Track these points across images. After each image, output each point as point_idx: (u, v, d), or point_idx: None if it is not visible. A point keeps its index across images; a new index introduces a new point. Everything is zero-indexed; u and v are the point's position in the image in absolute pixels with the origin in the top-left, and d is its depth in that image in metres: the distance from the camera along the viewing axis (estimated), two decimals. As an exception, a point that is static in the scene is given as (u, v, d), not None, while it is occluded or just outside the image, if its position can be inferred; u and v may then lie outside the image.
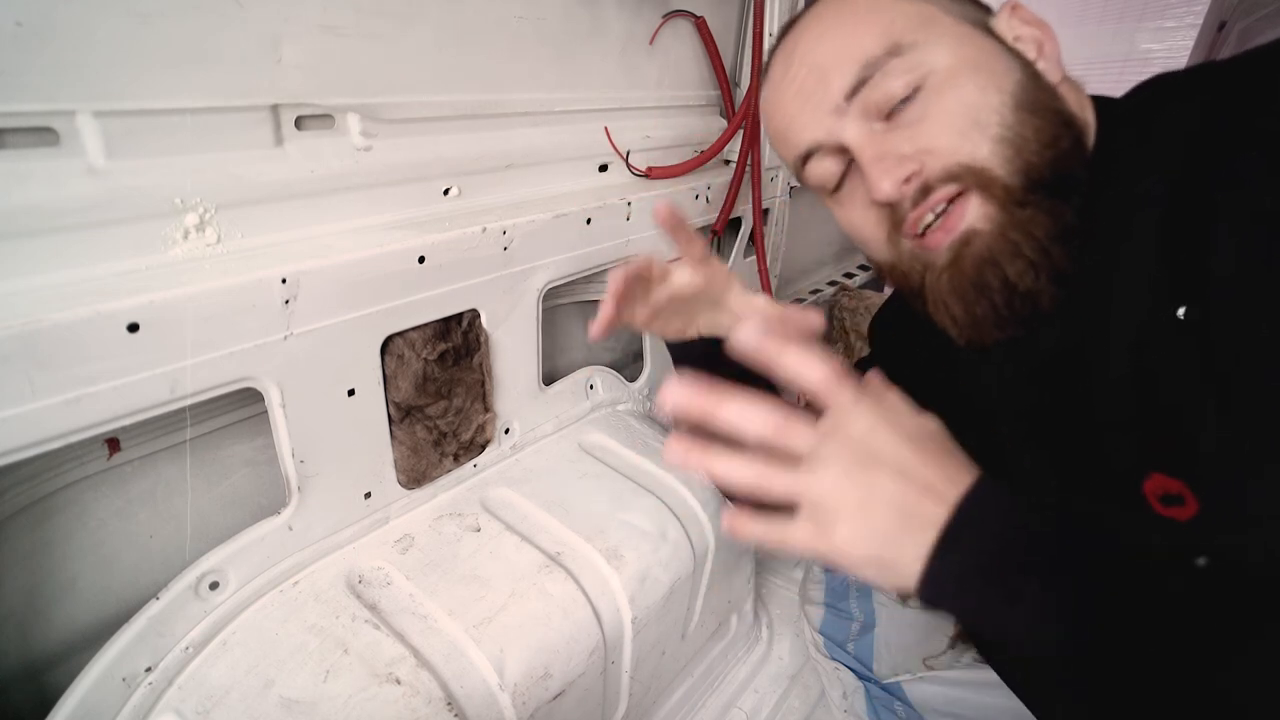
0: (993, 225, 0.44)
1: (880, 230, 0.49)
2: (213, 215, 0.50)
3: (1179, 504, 0.41)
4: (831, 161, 0.49)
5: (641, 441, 0.82)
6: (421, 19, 0.60)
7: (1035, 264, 0.43)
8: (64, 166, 0.44)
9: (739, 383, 0.61)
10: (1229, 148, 0.38)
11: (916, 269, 0.48)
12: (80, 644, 0.57)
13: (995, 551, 0.37)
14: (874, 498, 0.39)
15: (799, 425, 0.39)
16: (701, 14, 0.87)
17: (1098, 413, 0.44)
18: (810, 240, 1.41)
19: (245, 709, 0.48)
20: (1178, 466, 0.41)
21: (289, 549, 0.58)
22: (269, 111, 0.53)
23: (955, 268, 0.45)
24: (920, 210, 0.45)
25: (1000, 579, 0.37)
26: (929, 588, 0.38)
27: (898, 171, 0.44)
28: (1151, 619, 0.35)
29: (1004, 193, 0.43)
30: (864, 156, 0.46)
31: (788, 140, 0.51)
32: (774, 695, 0.87)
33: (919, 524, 0.38)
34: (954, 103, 0.44)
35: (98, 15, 0.43)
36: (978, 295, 0.45)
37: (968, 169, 0.43)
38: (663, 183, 0.86)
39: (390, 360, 0.61)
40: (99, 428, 0.44)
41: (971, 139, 0.43)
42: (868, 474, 0.39)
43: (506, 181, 0.72)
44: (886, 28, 0.45)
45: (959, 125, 0.44)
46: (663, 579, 0.67)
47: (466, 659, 0.54)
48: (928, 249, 0.46)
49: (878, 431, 0.40)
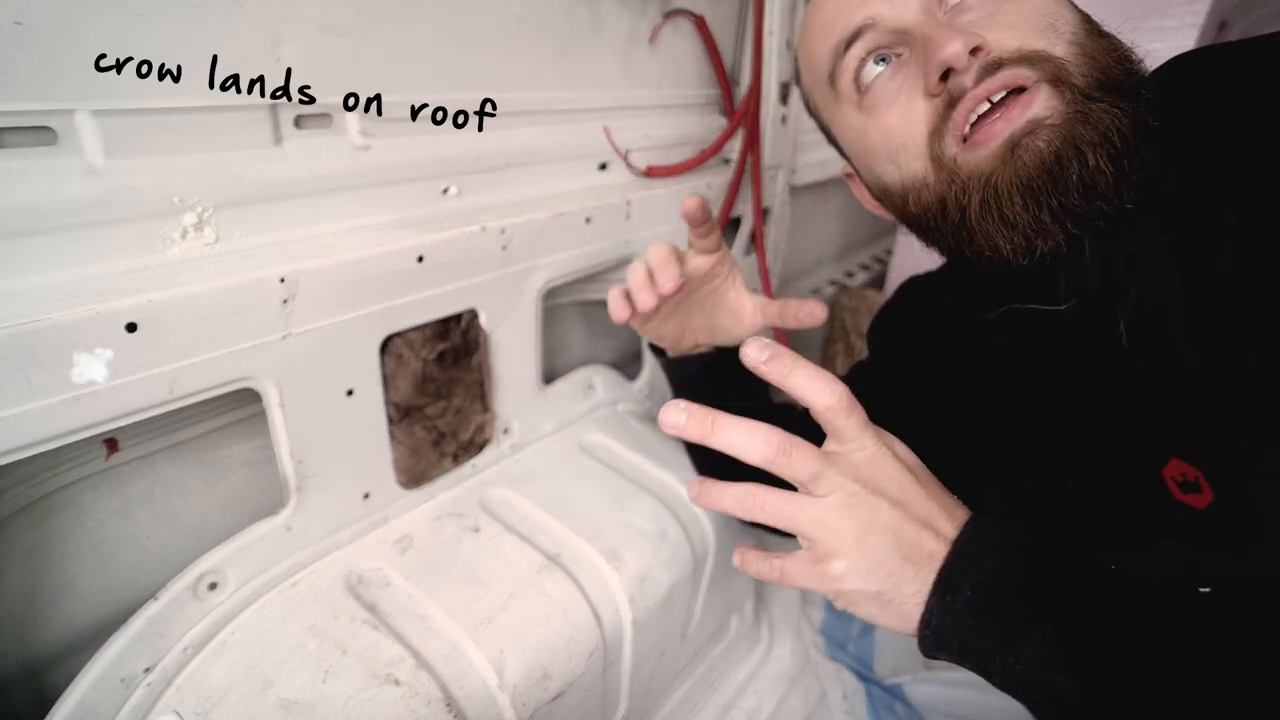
0: (1064, 118, 0.39)
1: (923, 126, 0.43)
2: (211, 215, 0.50)
3: (1196, 491, 0.40)
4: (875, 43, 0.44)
5: (641, 441, 0.82)
6: (421, 18, 0.60)
7: (1120, 150, 0.38)
8: (62, 166, 0.44)
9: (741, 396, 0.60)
10: (1231, 135, 0.38)
11: (959, 177, 0.42)
12: (79, 644, 0.57)
13: (995, 592, 0.36)
14: (873, 528, 0.37)
15: (801, 451, 0.38)
16: (701, 13, 0.87)
17: (1121, 395, 0.43)
18: (810, 240, 1.41)
19: (244, 709, 0.48)
20: (1196, 453, 0.40)
21: (288, 549, 0.58)
22: (268, 110, 0.53)
23: (1018, 162, 0.40)
24: (983, 88, 0.40)
25: (1001, 620, 0.35)
26: (927, 630, 0.37)
27: (967, 39, 0.39)
28: (1154, 657, 0.34)
29: (1082, 82, 0.39)
30: (927, 29, 0.41)
31: (835, 24, 0.46)
32: (774, 696, 0.87)
33: (919, 558, 0.37)
34: (1029, 5, 0.40)
35: (97, 14, 0.43)
36: (1051, 186, 0.39)
37: (1043, 56, 0.39)
38: (662, 182, 0.86)
39: (389, 360, 0.61)
40: (97, 428, 0.44)
41: (1047, 37, 0.40)
42: (869, 503, 0.38)
43: (506, 181, 0.71)
44: None
45: (1034, 23, 0.40)
46: (663, 579, 0.67)
47: (466, 660, 0.54)
48: (978, 145, 0.41)
49: (881, 462, 0.39)
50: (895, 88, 0.44)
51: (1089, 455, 0.47)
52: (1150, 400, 0.41)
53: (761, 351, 0.38)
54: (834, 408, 0.38)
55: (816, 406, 0.38)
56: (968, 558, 0.37)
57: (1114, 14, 0.44)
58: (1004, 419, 0.52)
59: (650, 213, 0.82)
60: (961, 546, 0.37)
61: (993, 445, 0.54)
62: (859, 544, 0.37)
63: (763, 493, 0.39)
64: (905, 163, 0.45)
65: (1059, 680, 0.35)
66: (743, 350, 0.39)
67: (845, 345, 1.45)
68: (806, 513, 0.38)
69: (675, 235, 0.88)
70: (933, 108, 0.43)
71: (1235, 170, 0.37)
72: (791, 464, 0.38)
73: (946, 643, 0.37)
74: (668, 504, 0.72)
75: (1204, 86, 0.41)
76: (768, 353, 0.38)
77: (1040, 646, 0.35)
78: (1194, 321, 0.38)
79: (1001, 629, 0.35)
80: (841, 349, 1.47)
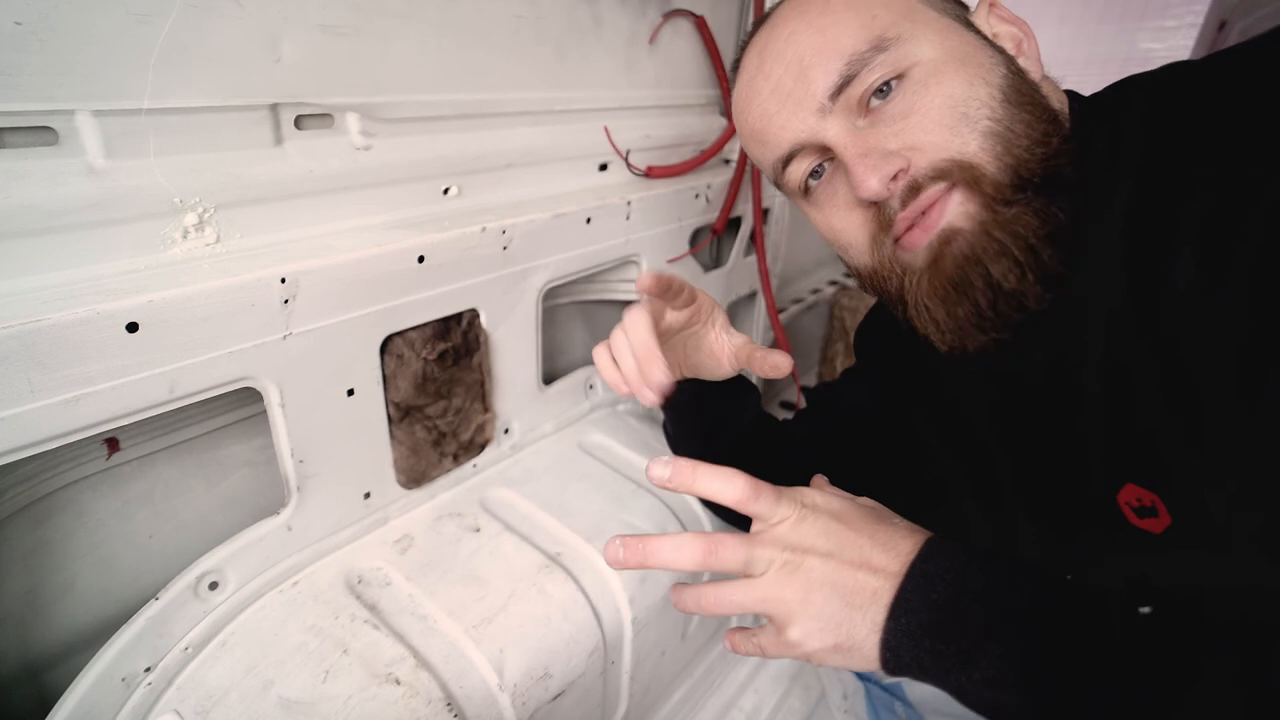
0: (975, 224, 0.41)
1: (864, 233, 0.46)
2: (212, 215, 0.50)
3: (1152, 515, 0.41)
4: (811, 162, 0.47)
5: (641, 441, 0.82)
6: (421, 18, 0.60)
7: (1022, 264, 0.41)
8: (63, 166, 0.44)
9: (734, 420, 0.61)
10: (1187, 157, 0.38)
11: (896, 273, 0.46)
12: (79, 644, 0.57)
13: (948, 611, 0.37)
14: (811, 587, 0.39)
15: (725, 547, 0.40)
16: (701, 13, 0.87)
17: (1075, 421, 0.44)
18: (810, 240, 1.41)
19: (244, 709, 0.48)
20: (1152, 478, 0.40)
21: (288, 549, 0.58)
22: (268, 111, 0.53)
23: (935, 268, 0.43)
24: (909, 211, 0.42)
25: (953, 638, 0.37)
26: (887, 652, 0.38)
27: (885, 168, 0.42)
28: (1103, 670, 0.35)
29: (991, 189, 0.41)
30: (849, 154, 0.43)
31: (765, 141, 0.49)
32: (774, 696, 0.87)
33: (862, 600, 0.38)
34: (941, 97, 0.42)
35: (97, 15, 0.43)
36: (959, 296, 0.43)
37: (955, 164, 0.41)
38: (663, 182, 0.86)
39: (390, 360, 0.61)
40: (98, 427, 0.44)
41: (960, 134, 0.41)
42: (800, 567, 0.39)
43: (506, 181, 0.71)
44: (869, 22, 0.43)
45: (947, 120, 0.42)
46: (663, 579, 0.67)
47: (466, 659, 0.54)
48: (905, 249, 0.44)
49: (803, 523, 0.40)
50: (832, 192, 0.48)
51: (1042, 478, 0.48)
52: (1103, 425, 0.42)
53: (663, 469, 0.40)
54: (740, 500, 0.40)
55: (728, 501, 0.40)
56: (922, 578, 0.38)
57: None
58: (976, 436, 0.54)
59: (650, 213, 0.82)
60: (916, 568, 0.38)
61: (960, 458, 0.56)
62: (804, 606, 0.39)
63: (709, 592, 0.42)
64: (854, 257, 0.49)
65: (1012, 699, 0.36)
66: (648, 471, 0.41)
67: (845, 345, 1.46)
68: (752, 595, 0.40)
69: (675, 235, 0.88)
70: (870, 215, 0.46)
71: (1192, 196, 0.37)
72: (721, 561, 0.40)
73: (906, 664, 0.38)
74: (668, 504, 0.72)
75: (1162, 109, 0.41)
76: (668, 470, 0.40)
77: (991, 668, 0.36)
78: (1148, 342, 0.38)
79: (955, 650, 0.37)
80: (841, 349, 1.48)
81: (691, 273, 0.94)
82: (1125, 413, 0.41)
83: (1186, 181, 0.37)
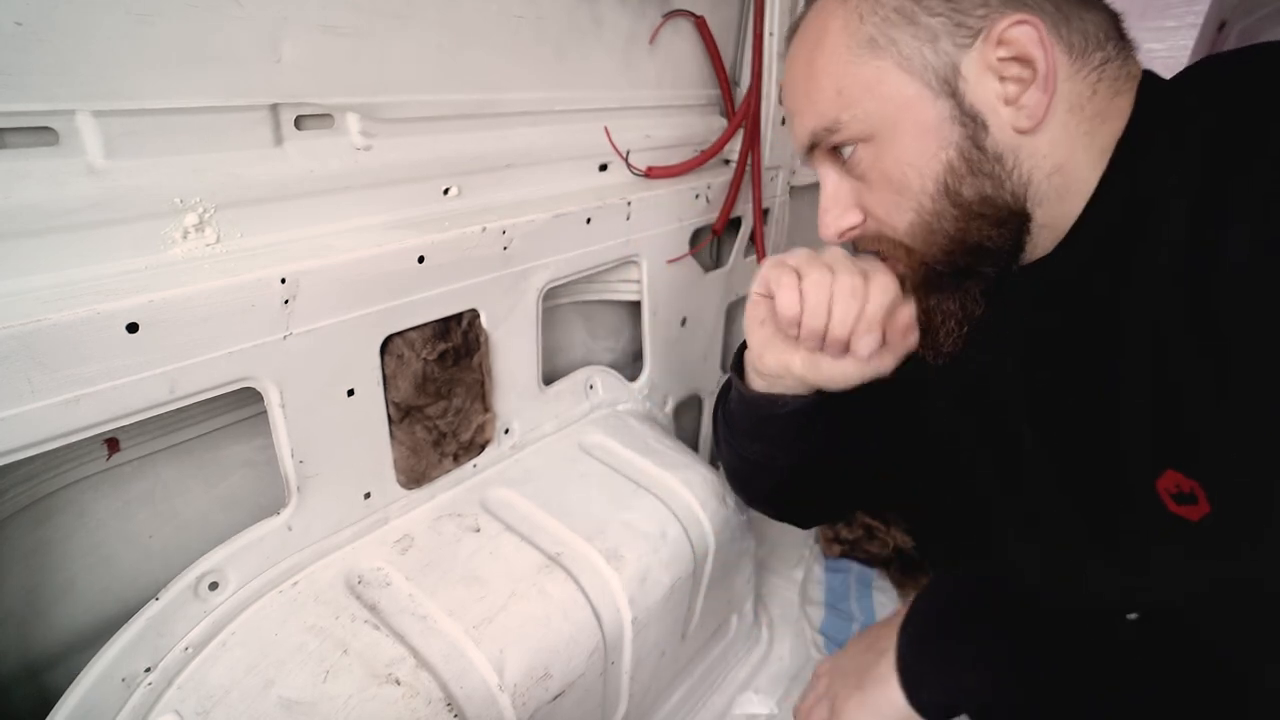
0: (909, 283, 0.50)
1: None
2: (212, 215, 0.50)
3: (1191, 502, 0.41)
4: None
5: (642, 441, 0.82)
6: (421, 18, 0.60)
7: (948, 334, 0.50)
8: (63, 166, 0.44)
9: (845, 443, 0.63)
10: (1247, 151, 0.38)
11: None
12: (80, 644, 0.57)
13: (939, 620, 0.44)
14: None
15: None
16: (702, 13, 0.87)
17: (1117, 408, 0.44)
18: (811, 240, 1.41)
19: (245, 709, 0.48)
20: (1195, 465, 0.40)
21: (288, 549, 0.58)
22: (268, 111, 0.53)
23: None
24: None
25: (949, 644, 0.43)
26: (905, 675, 0.46)
27: (840, 224, 0.51)
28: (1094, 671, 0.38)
29: (920, 267, 0.48)
30: (823, 194, 0.52)
31: (792, 127, 0.54)
32: (774, 695, 0.87)
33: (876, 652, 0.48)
34: (882, 175, 0.47)
35: (97, 15, 0.43)
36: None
37: (888, 241, 0.49)
38: (663, 182, 0.86)
39: (390, 360, 0.61)
40: (98, 428, 0.44)
41: (893, 214, 0.48)
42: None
43: (506, 181, 0.71)
44: (833, 98, 0.47)
45: (888, 198, 0.48)
46: (663, 579, 0.67)
47: (466, 659, 0.54)
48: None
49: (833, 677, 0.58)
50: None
51: (1076, 460, 0.48)
52: (1147, 411, 0.42)
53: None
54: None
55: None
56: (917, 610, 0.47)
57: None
58: (991, 408, 0.54)
59: (650, 213, 0.82)
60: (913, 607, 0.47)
61: (977, 439, 0.56)
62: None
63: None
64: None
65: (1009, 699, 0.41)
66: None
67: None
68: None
69: (675, 235, 0.88)
70: None
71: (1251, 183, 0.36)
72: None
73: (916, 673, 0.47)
74: (668, 504, 0.72)
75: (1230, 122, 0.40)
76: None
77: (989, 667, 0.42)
78: (1194, 332, 0.38)
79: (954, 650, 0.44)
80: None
81: (692, 273, 0.94)
82: (1172, 401, 0.41)
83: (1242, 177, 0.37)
